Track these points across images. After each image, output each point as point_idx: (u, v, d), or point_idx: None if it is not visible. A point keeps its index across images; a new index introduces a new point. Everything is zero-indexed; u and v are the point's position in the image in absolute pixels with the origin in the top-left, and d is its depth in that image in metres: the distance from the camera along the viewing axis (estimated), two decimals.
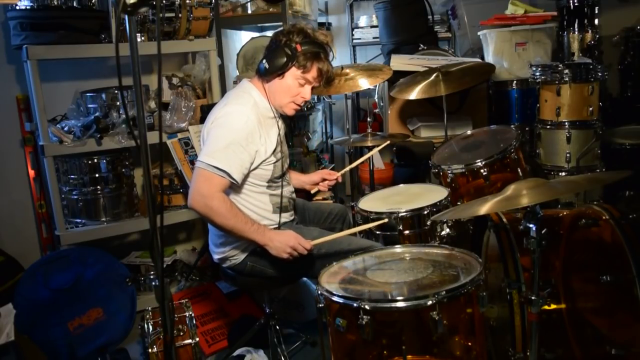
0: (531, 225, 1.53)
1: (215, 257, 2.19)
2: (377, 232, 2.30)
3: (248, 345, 2.42)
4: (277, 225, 2.15)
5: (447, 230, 2.27)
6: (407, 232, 2.25)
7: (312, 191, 2.47)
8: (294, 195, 2.30)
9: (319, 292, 1.59)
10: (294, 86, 2.04)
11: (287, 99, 2.06)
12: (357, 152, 4.67)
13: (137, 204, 3.05)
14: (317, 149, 4.39)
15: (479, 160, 2.45)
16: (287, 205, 2.22)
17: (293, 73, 2.01)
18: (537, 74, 2.99)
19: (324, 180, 2.43)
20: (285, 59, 1.97)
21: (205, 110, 2.80)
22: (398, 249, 1.87)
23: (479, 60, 3.59)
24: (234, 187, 2.02)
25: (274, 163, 2.09)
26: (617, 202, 2.92)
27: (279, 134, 2.12)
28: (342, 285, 1.64)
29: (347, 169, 2.62)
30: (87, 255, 2.70)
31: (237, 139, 1.94)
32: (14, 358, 2.10)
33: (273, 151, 2.07)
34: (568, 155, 2.89)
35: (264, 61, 2.02)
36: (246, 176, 2.02)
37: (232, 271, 2.18)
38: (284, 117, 2.21)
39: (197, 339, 2.22)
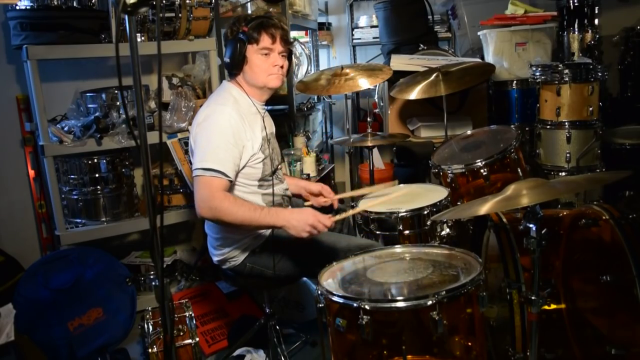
0: (531, 225, 1.53)
1: (215, 259, 2.19)
2: (377, 232, 2.30)
3: (248, 345, 2.42)
4: None
5: (447, 230, 2.27)
6: (407, 232, 2.25)
7: (306, 203, 2.34)
8: (288, 193, 2.29)
9: (319, 292, 1.59)
10: (261, 61, 2.07)
11: (263, 74, 2.09)
12: (357, 151, 4.67)
13: (137, 204, 3.05)
14: (317, 149, 4.39)
15: (479, 160, 2.45)
16: (282, 203, 2.21)
17: (252, 50, 2.05)
18: (537, 74, 2.99)
19: (320, 194, 2.34)
20: (239, 44, 2.03)
21: None
22: (398, 249, 1.86)
23: (479, 60, 3.59)
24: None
25: (263, 160, 2.09)
26: (617, 202, 2.92)
27: (265, 130, 2.13)
28: (342, 285, 1.64)
29: (345, 194, 2.57)
30: (87, 255, 2.70)
31: (225, 137, 1.96)
32: (14, 358, 2.10)
33: (260, 147, 2.08)
34: (568, 155, 2.89)
35: (225, 60, 2.09)
36: (237, 175, 2.02)
37: (231, 272, 2.18)
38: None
39: (197, 339, 2.22)
